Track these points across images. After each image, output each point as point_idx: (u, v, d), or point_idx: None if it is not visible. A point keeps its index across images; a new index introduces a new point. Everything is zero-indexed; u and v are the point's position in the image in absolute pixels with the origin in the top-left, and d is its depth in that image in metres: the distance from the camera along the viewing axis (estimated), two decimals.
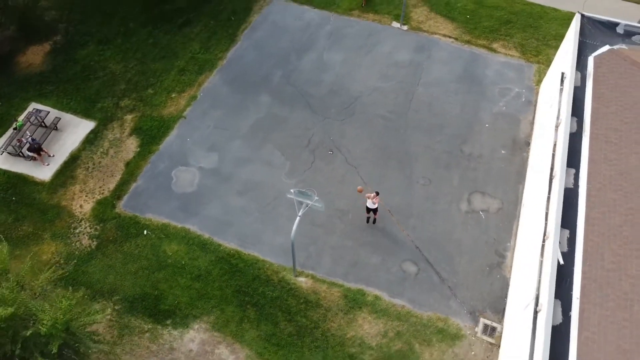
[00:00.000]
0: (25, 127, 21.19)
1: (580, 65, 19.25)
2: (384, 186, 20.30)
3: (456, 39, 25.90)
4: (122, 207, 19.82)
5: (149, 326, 17.16)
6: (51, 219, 19.41)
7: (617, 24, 20.40)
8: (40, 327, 12.02)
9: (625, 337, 12.79)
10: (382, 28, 26.30)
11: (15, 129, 21.15)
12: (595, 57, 19.38)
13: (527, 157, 21.52)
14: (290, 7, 27.23)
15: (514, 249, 18.92)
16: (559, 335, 13.10)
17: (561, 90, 18.94)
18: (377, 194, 18.47)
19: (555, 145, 17.36)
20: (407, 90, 23.67)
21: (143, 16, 26.32)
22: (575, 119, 17.66)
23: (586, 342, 12.90)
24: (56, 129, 21.71)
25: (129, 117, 22.52)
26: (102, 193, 20.15)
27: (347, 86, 23.79)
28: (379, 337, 17.00)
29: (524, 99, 23.52)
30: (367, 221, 19.40)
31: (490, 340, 17.03)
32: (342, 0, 27.47)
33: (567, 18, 26.69)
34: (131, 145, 21.60)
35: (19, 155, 20.83)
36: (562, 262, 14.12)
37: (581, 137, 17.16)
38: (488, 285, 18.16)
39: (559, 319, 13.43)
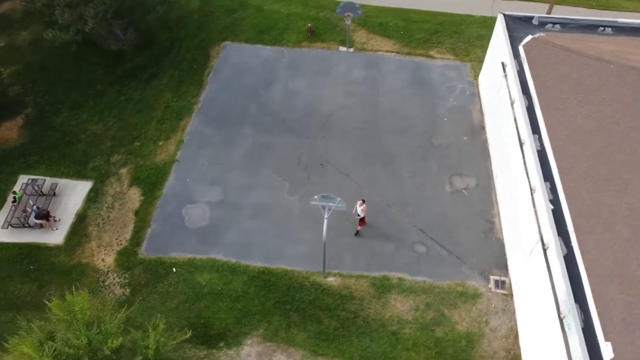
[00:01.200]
0: (24, 198, 21.41)
1: (514, 54, 23.14)
2: (377, 185, 22.79)
3: (397, 52, 29.42)
4: (144, 252, 20.61)
5: (205, 352, 18.07)
6: (76, 277, 19.77)
7: (532, 17, 24.74)
8: (147, 351, 12.89)
9: (617, 251, 15.94)
10: (332, 53, 29.26)
11: (14, 201, 21.31)
12: (523, 45, 23.38)
13: (486, 139, 25.00)
14: (245, 48, 29.49)
15: (499, 215, 21.98)
16: (569, 263, 16.01)
17: (506, 76, 22.69)
18: (364, 201, 20.52)
19: (515, 119, 20.83)
20: (371, 102, 26.58)
21: (108, 77, 27.34)
22: (524, 95, 21.27)
23: (591, 264, 15.90)
24: (55, 194, 22.09)
25: (123, 170, 23.37)
26: (121, 243, 20.82)
27: (318, 107, 26.28)
28: (412, 311, 19.12)
29: (468, 93, 27.26)
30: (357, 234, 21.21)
31: (503, 292, 19.72)
32: (289, 35, 30.21)
33: (482, 21, 31.41)
34: (134, 195, 22.46)
35: (24, 226, 20.98)
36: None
37: (533, 108, 20.75)
38: (487, 248, 20.98)
39: (565, 251, 16.37)
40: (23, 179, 22.70)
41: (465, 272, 20.25)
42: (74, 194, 22.40)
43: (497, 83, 23.91)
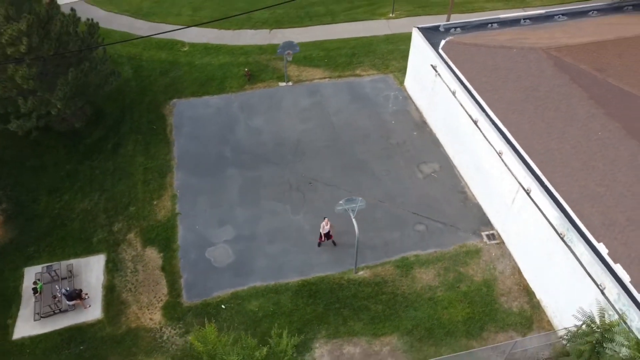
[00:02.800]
0: (46, 286, 21.14)
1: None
2: (363, 188, 26.06)
3: (329, 77, 33.35)
4: (187, 300, 21.53)
5: None
6: (132, 342, 20.11)
7: (438, 26, 30.22)
8: (284, 356, 14.51)
9: (578, 180, 20.94)
10: (275, 90, 32.26)
11: (36, 292, 20.95)
12: (442, 48, 28.60)
13: (431, 130, 29.63)
14: (194, 102, 31.32)
15: (467, 185, 26.43)
16: (550, 196, 20.64)
17: (438, 74, 27.59)
18: (325, 218, 22.91)
19: (462, 104, 25.60)
20: (326, 123, 29.98)
21: (72, 156, 27.45)
22: (461, 85, 26.19)
23: (564, 193, 20.67)
24: (73, 275, 22.01)
25: (130, 235, 23.91)
26: (161, 299, 21.49)
27: (284, 137, 29.00)
28: (437, 278, 22.52)
29: (400, 97, 31.92)
30: (319, 245, 23.41)
31: (495, 242, 23.98)
32: (230, 82, 32.67)
33: (386, 39, 36.74)
34: (153, 254, 23.17)
35: (55, 313, 20.73)
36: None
37: (472, 93, 25.70)
38: (470, 213, 25.23)
39: (543, 189, 21.01)
40: (30, 271, 22.24)
41: (462, 235, 24.23)
42: (91, 269, 22.48)
43: (430, 82, 28.77)
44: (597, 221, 19.52)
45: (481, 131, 24.28)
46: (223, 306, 21.34)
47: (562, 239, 19.62)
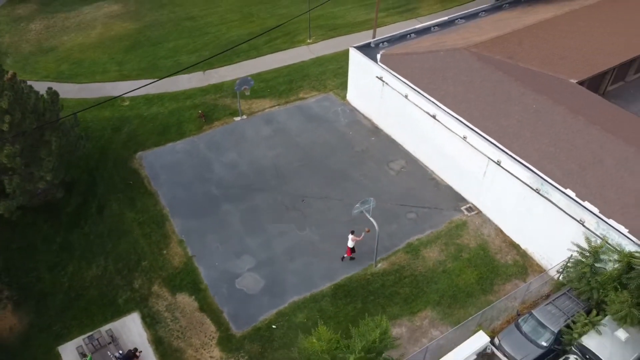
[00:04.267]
0: (95, 357, 20.79)
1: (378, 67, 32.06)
2: (351, 194, 28.77)
3: (278, 105, 35.73)
4: (238, 330, 22.43)
5: None
6: None
7: (369, 43, 34.21)
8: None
9: (531, 144, 25.74)
10: (233, 125, 33.83)
11: None
12: (380, 61, 32.53)
13: (386, 133, 33.28)
14: (160, 151, 31.75)
15: (434, 172, 30.37)
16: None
17: (385, 83, 31.41)
18: (353, 232, 25.23)
19: (417, 104, 29.56)
20: (293, 145, 32.28)
21: (60, 229, 26.61)
22: (410, 88, 30.18)
23: (524, 157, 25.30)
24: (114, 339, 21.77)
25: (155, 288, 24.07)
26: (213, 337, 22.15)
27: (260, 165, 30.74)
28: (441, 253, 25.91)
29: (348, 111, 35.30)
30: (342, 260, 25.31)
31: (475, 212, 28.09)
32: (188, 126, 33.58)
33: (315, 62, 40.09)
34: (185, 299, 23.62)
35: None
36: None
37: (422, 94, 29.80)
38: (445, 194, 29.13)
39: (509, 157, 25.47)
40: (66, 349, 21.52)
41: (446, 214, 27.99)
42: (129, 329, 22.35)
43: (378, 92, 32.50)
44: (559, 173, 24.33)
45: (442, 123, 28.38)
46: (274, 326, 22.62)
47: (538, 193, 24.11)
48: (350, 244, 24.76)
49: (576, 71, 31.49)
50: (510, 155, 25.41)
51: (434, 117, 28.75)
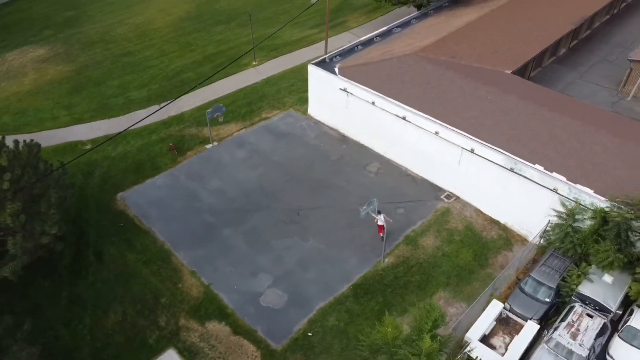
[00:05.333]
0: None
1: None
2: (339, 199, 30.53)
3: (245, 127, 36.65)
4: (277, 344, 23.21)
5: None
6: None
7: (324, 59, 36.30)
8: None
9: (497, 129, 29.12)
10: (207, 153, 34.25)
11: None
12: (339, 73, 34.73)
13: (354, 140, 35.39)
14: (141, 189, 31.43)
15: (408, 169, 32.97)
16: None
17: (349, 94, 33.62)
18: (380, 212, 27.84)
19: (384, 109, 32.03)
20: (271, 163, 33.42)
21: (62, 284, 25.70)
22: (375, 95, 32.60)
23: (493, 142, 28.57)
24: None
25: (182, 321, 24.11)
26: (255, 356, 22.73)
27: (247, 187, 31.54)
28: (436, 239, 28.41)
29: (312, 124, 37.07)
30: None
31: (454, 199, 31.01)
32: (162, 160, 33.49)
33: (267, 82, 41.45)
34: (216, 327, 23.92)
35: None
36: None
37: (386, 99, 32.34)
38: (423, 186, 31.81)
39: (481, 144, 28.64)
40: None
41: (430, 204, 30.64)
42: None
43: (342, 103, 34.61)
44: (525, 152, 27.83)
45: (413, 123, 31.06)
46: (309, 334, 23.70)
47: (513, 171, 27.43)
48: (381, 221, 27.02)
49: (508, 63, 35.77)
50: (482, 143, 28.57)
51: (403, 118, 31.37)
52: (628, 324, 22.95)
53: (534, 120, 29.37)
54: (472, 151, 28.85)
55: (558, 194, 26.17)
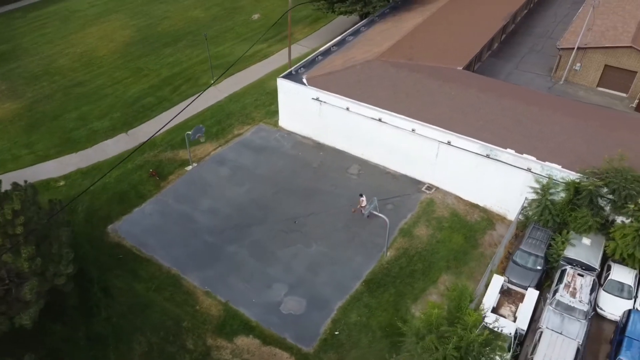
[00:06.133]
0: None
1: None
2: (329, 203, 31.88)
3: (220, 145, 37.00)
4: (308, 347, 24.10)
5: None
6: None
7: (290, 72, 37.53)
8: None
9: (470, 125, 31.82)
10: (189, 175, 34.30)
11: None
12: (307, 83, 36.12)
13: (330, 146, 36.83)
14: (131, 219, 30.99)
15: (385, 167, 34.94)
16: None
17: (323, 102, 35.11)
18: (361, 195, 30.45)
19: (359, 113, 33.80)
20: (257, 177, 34.10)
21: (77, 323, 25.11)
22: (347, 101, 34.29)
23: (466, 133, 31.20)
24: None
25: (210, 341, 24.32)
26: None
27: (239, 203, 32.02)
28: (428, 228, 30.49)
29: (285, 135, 38.14)
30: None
31: (434, 189, 33.34)
32: (145, 188, 33.16)
33: (229, 100, 42.00)
34: (245, 341, 24.39)
35: None
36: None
37: (359, 104, 34.12)
38: (403, 181, 33.88)
39: (454, 137, 31.13)
40: None
41: (414, 197, 32.76)
42: None
43: (316, 111, 35.99)
44: (496, 139, 30.67)
45: (389, 123, 33.05)
46: (336, 332, 24.81)
47: (489, 157, 30.15)
48: (363, 203, 29.98)
49: (457, 60, 38.88)
50: (458, 135, 31.09)
51: (379, 120, 33.30)
52: (609, 278, 26.19)
53: (497, 110, 32.39)
54: (448, 143, 31.29)
55: (532, 172, 29.15)
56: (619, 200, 25.79)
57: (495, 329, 20.48)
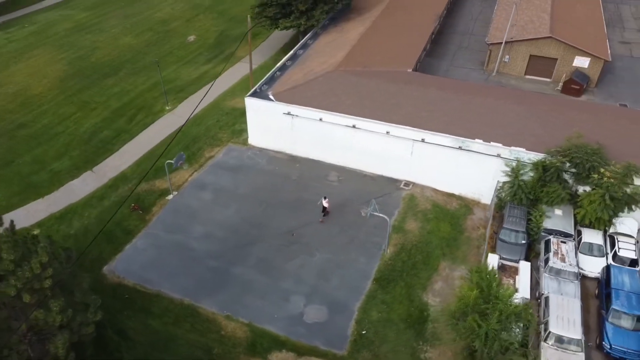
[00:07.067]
0: None
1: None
2: (317, 211, 32.99)
3: (196, 170, 36.75)
4: (341, 351, 25.08)
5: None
6: None
7: (255, 90, 38.15)
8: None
9: (438, 121, 34.39)
10: (172, 204, 33.84)
11: None
12: (274, 98, 37.00)
13: (305, 158, 37.80)
14: (125, 256, 30.14)
15: (362, 170, 36.63)
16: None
17: (295, 116, 36.15)
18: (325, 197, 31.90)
19: (333, 122, 35.25)
20: (241, 197, 34.37)
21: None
22: (316, 114, 35.60)
23: (437, 128, 33.77)
24: None
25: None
26: None
27: (231, 225, 32.16)
28: (416, 222, 32.58)
29: (258, 152, 38.64)
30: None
31: (411, 185, 35.57)
32: (131, 223, 32.27)
33: (192, 124, 41.65)
34: (280, 355, 24.95)
35: None
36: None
37: (330, 113, 35.54)
38: (380, 182, 35.75)
39: (428, 134, 33.56)
40: None
41: (395, 195, 34.76)
42: None
43: (287, 125, 36.89)
44: (462, 132, 33.48)
45: (363, 129, 34.78)
46: (363, 332, 26.00)
47: (462, 149, 32.85)
48: (325, 205, 31.73)
49: (406, 63, 41.65)
50: (431, 132, 33.52)
51: (353, 126, 34.96)
52: (583, 241, 29.74)
53: (459, 105, 35.33)
54: (423, 141, 33.65)
55: (501, 157, 32.22)
56: (583, 171, 29.41)
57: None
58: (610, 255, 29.34)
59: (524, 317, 20.91)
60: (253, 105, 37.34)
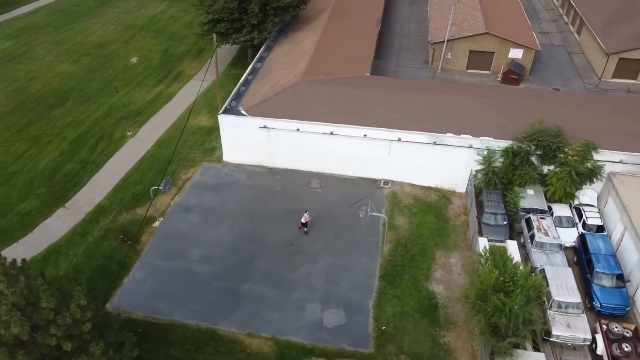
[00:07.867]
0: None
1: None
2: (313, 221, 33.85)
3: (177, 194, 36.11)
4: (367, 349, 26.10)
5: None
6: None
7: (227, 107, 38.15)
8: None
9: (411, 120, 36.35)
10: (161, 230, 33.15)
11: None
12: (249, 114, 37.28)
13: (288, 169, 38.26)
14: (126, 290, 29.20)
15: (341, 174, 37.85)
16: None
17: (272, 128, 36.65)
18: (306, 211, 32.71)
19: (310, 131, 36.14)
20: (230, 215, 34.35)
21: None
22: (293, 124, 36.34)
23: (420, 128, 35.73)
24: None
25: None
26: None
27: (228, 243, 32.11)
28: (405, 217, 34.28)
29: (235, 169, 38.65)
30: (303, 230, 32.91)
31: (390, 184, 37.27)
32: (121, 256, 31.13)
33: (158, 146, 40.82)
34: None
35: None
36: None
37: (306, 124, 36.42)
38: (362, 184, 37.16)
39: (404, 132, 35.41)
40: None
41: (378, 194, 36.27)
42: None
43: (264, 139, 37.27)
44: (434, 127, 35.72)
45: (340, 134, 35.97)
46: (384, 327, 27.19)
47: (436, 143, 35.02)
48: (303, 220, 32.27)
49: (363, 67, 43.39)
50: (406, 131, 35.36)
51: (331, 133, 36.07)
52: (555, 215, 32.88)
53: (425, 104, 37.56)
54: (399, 140, 35.46)
55: (473, 148, 34.77)
56: (550, 152, 32.54)
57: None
58: (579, 225, 32.70)
59: (539, 290, 23.13)
60: (227, 122, 37.35)
